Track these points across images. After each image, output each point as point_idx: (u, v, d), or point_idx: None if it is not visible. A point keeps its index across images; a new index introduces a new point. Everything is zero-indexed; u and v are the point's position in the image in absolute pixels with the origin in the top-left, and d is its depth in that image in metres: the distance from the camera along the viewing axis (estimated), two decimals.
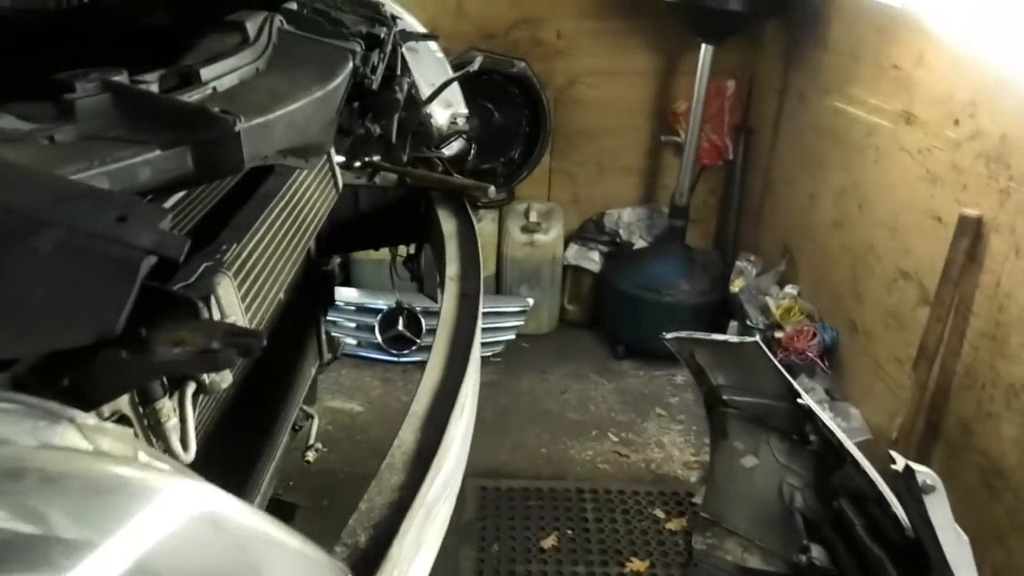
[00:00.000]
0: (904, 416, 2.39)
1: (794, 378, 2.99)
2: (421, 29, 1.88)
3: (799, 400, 2.35)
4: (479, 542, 2.66)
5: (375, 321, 3.63)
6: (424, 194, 1.83)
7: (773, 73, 3.62)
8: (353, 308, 3.65)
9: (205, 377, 0.87)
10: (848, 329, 2.88)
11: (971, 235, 2.17)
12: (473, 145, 3.82)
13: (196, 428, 0.86)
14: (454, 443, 1.03)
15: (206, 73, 0.85)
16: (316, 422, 1.82)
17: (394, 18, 1.73)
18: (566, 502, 2.88)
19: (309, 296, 1.81)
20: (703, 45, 3.41)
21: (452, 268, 1.47)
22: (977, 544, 1.78)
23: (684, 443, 3.28)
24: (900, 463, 1.83)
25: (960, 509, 2.08)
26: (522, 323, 3.79)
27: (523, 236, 3.82)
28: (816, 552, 2.22)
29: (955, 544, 1.77)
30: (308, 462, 1.75)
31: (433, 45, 1.86)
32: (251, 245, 1.10)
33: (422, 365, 1.45)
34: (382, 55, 1.18)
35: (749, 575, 2.59)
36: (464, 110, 1.84)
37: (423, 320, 3.59)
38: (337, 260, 1.95)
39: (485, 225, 3.82)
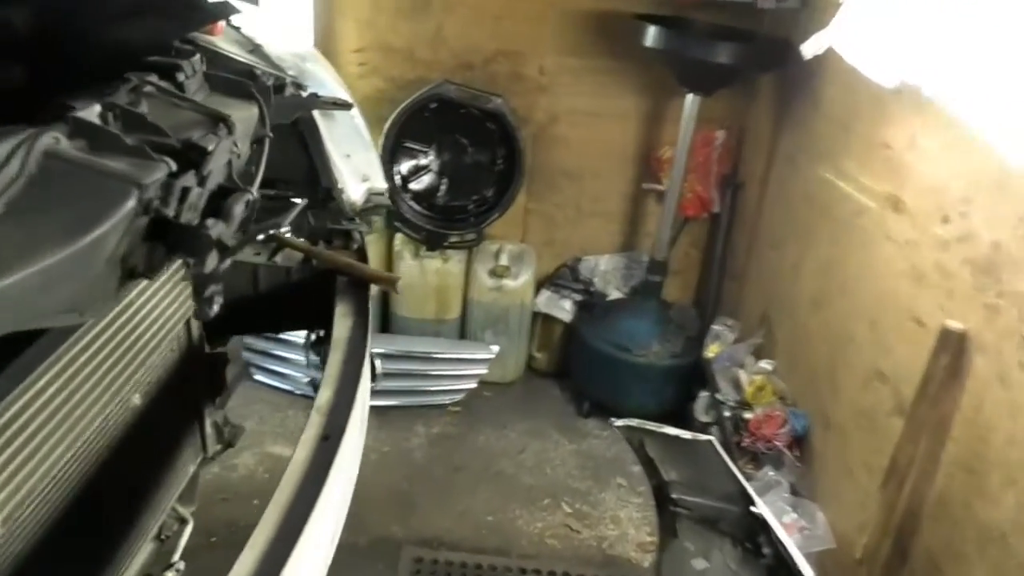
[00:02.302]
0: (870, 536, 2.17)
1: (759, 468, 2.78)
2: (340, 92, 1.66)
3: (753, 508, 2.15)
4: None
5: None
6: (331, 277, 1.62)
7: (764, 128, 3.39)
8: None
9: None
10: (821, 421, 2.66)
11: (953, 351, 1.94)
12: (444, 181, 3.63)
13: None
14: None
15: None
16: (189, 529, 1.62)
17: (297, 85, 1.52)
18: None
19: (190, 385, 1.60)
20: (688, 95, 3.19)
21: (323, 394, 1.26)
22: None
23: (641, 520, 3.06)
24: None
25: None
26: (485, 371, 3.58)
27: (490, 280, 3.60)
28: None
29: None
30: None
31: (354, 111, 1.65)
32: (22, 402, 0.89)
33: (375, 408, 1.24)
34: (200, 176, 0.95)
35: None
36: (382, 185, 1.62)
37: (377, 361, 3.38)
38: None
39: (452, 266, 3.61)
